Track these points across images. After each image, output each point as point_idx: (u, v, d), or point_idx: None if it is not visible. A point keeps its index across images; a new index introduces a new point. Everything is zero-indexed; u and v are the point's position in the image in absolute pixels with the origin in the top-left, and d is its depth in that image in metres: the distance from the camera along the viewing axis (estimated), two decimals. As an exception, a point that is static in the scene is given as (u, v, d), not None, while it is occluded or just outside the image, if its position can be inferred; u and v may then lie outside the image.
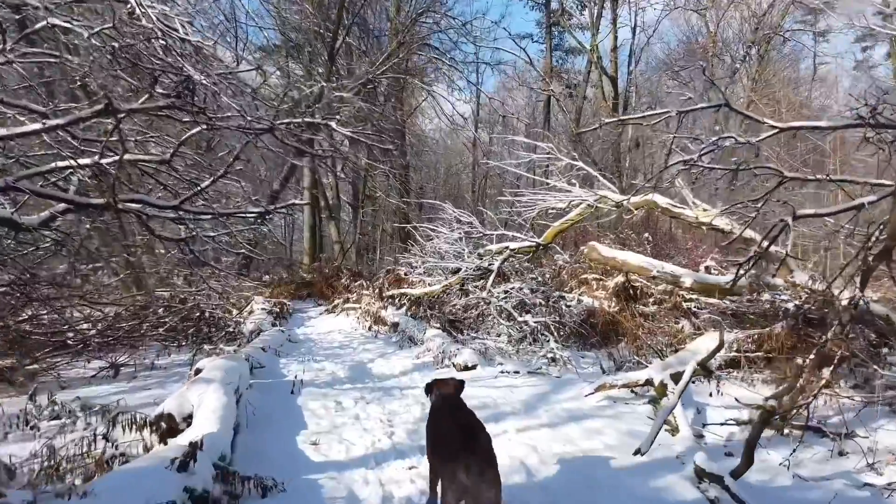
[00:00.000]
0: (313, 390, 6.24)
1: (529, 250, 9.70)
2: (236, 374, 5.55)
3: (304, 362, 7.89)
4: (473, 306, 10.19)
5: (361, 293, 13.36)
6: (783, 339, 6.85)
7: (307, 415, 5.34)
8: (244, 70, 5.36)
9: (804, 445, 4.40)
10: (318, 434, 4.79)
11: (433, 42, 17.52)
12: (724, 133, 5.67)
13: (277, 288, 14.91)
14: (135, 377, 7.14)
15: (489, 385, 6.54)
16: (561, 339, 8.30)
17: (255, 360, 7.06)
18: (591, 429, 5.10)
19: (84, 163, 4.85)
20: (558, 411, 5.62)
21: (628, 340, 8.28)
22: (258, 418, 5.10)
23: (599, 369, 7.21)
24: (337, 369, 7.53)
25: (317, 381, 6.81)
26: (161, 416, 4.59)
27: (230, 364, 5.63)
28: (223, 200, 7.71)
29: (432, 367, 7.65)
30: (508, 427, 5.08)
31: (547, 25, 27.70)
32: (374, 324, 10.98)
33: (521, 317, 8.74)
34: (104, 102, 4.11)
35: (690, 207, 9.00)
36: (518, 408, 5.70)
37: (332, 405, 5.67)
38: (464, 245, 10.41)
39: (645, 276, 8.88)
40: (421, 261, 11.41)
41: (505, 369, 7.15)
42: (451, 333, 9.31)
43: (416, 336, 9.32)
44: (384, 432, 4.88)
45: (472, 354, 7.45)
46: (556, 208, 9.82)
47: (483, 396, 6.07)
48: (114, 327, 7.88)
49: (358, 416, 5.38)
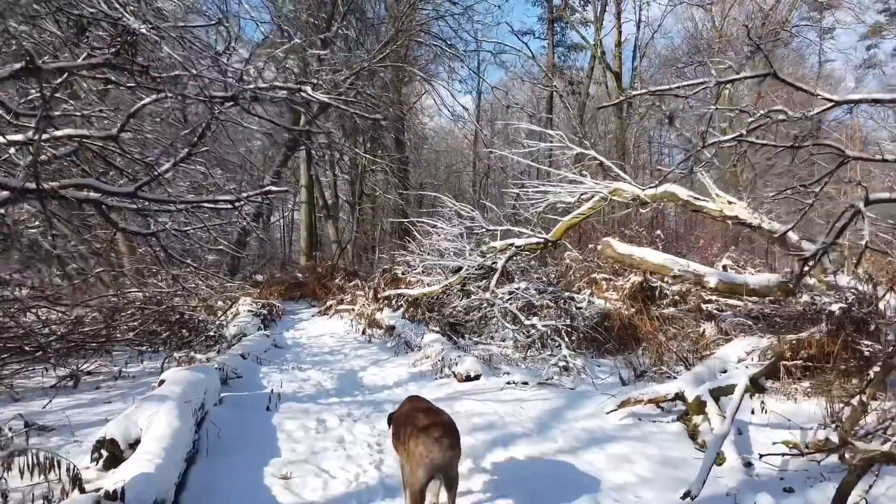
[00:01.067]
0: (293, 406, 5.43)
1: (537, 247, 8.89)
2: (201, 389, 4.76)
3: (287, 371, 7.10)
4: (475, 308, 9.40)
5: (356, 294, 12.56)
6: (826, 345, 6.09)
7: (282, 438, 4.53)
8: (202, 25, 4.57)
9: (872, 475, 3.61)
10: (291, 464, 3.98)
11: (433, 30, 16.73)
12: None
13: (267, 288, 14.10)
14: (98, 387, 6.37)
15: (495, 399, 5.74)
16: (573, 344, 7.51)
17: (231, 369, 6.28)
18: (617, 455, 4.30)
19: (14, 139, 4.06)
20: (576, 432, 4.82)
21: (647, 346, 7.49)
22: (223, 442, 4.30)
23: (618, 379, 6.42)
24: (324, 379, 6.73)
25: (299, 393, 6.02)
26: (102, 442, 3.82)
27: (196, 377, 4.85)
28: (206, 193, 6.94)
29: (431, 376, 6.86)
30: (518, 452, 4.29)
31: (549, 21, 26.98)
32: (369, 327, 10.18)
33: (527, 320, 7.94)
34: (24, 60, 3.32)
35: (713, 199, 8.21)
36: (529, 427, 4.90)
37: (314, 425, 4.86)
38: (465, 242, 9.60)
39: (664, 275, 8.09)
40: (419, 259, 10.61)
41: (512, 379, 6.34)
42: (452, 338, 8.51)
43: (414, 341, 8.53)
44: (371, 461, 4.09)
45: (475, 363, 6.64)
46: (565, 203, 9.03)
47: (488, 413, 5.27)
48: (77, 331, 7.09)
49: (342, 438, 4.58)
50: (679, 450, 4.49)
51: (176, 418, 3.82)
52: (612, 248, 8.00)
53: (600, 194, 8.41)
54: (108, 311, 7.42)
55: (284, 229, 39.52)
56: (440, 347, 7.41)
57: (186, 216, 6.85)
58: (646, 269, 8.14)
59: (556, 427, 4.93)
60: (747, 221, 7.95)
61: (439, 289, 9.79)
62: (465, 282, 9.54)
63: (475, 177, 26.68)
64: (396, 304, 10.96)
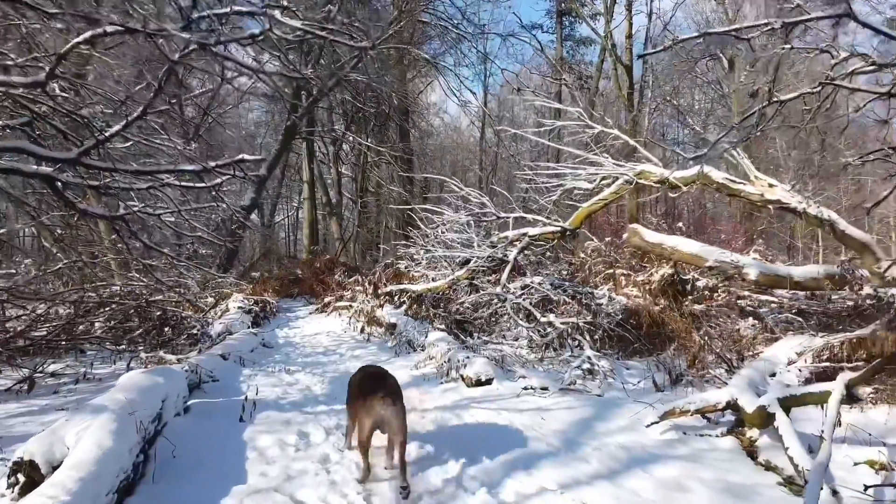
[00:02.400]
0: (273, 416, 4.58)
1: (553, 237, 8.05)
2: (158, 397, 3.93)
3: (273, 374, 6.26)
4: (485, 304, 8.54)
5: (355, 290, 11.72)
6: (892, 344, 5.25)
7: (252, 457, 3.68)
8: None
9: None
10: (257, 494, 3.13)
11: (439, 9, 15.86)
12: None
13: (262, 284, 13.27)
14: (56, 391, 5.57)
15: (511, 408, 4.87)
16: (595, 344, 6.66)
17: (207, 371, 5.45)
18: (667, 481, 3.44)
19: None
20: (612, 449, 3.96)
21: (680, 346, 6.62)
22: (177, 464, 3.46)
23: (651, 384, 5.55)
24: (314, 383, 5.89)
25: (283, 400, 5.18)
26: (20, 464, 3.00)
27: (153, 382, 4.02)
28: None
29: (435, 380, 6.01)
30: (545, 478, 3.42)
31: (557, 14, 26.11)
32: (368, 325, 9.33)
33: (543, 317, 7.09)
34: None
35: (752, 182, 7.35)
36: (555, 444, 4.04)
37: (293, 440, 4.01)
38: (473, 232, 8.74)
39: (698, 266, 7.23)
40: (423, 251, 9.77)
41: (529, 384, 5.46)
42: (459, 336, 7.66)
43: (417, 340, 7.68)
44: (360, 490, 3.24)
45: (487, 365, 5.76)
46: (582, 189, 8.18)
47: (504, 425, 4.42)
48: (37, 328, 6.31)
49: (327, 458, 3.73)
50: (740, 472, 3.63)
51: (109, 436, 2.99)
52: (639, 235, 7.12)
53: (625, 177, 7.57)
54: (74, 306, 6.62)
55: (290, 228, 38.91)
56: (446, 347, 6.56)
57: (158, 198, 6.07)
58: (677, 259, 7.27)
59: (586, 443, 4.07)
60: (791, 206, 7.10)
61: (445, 283, 8.95)
62: (473, 275, 8.71)
63: (482, 165, 25.67)
64: (399, 301, 10.12)
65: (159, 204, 6.29)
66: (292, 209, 37.39)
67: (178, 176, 5.85)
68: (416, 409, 4.83)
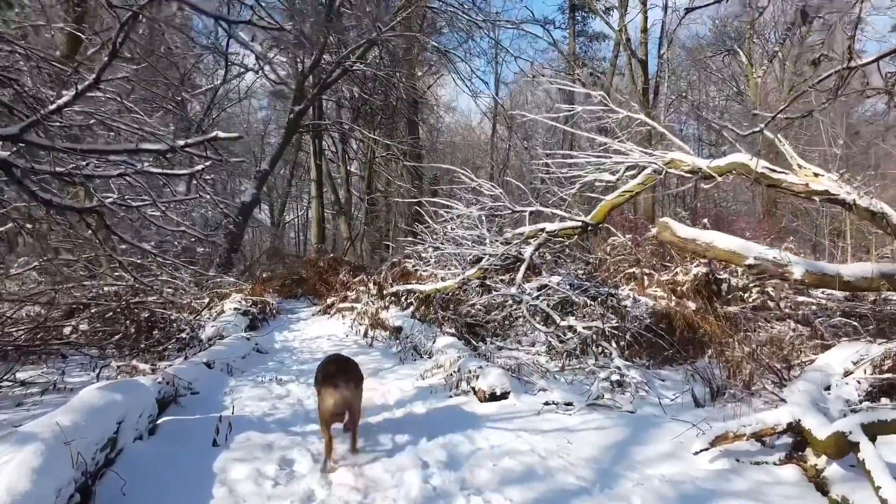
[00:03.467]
0: (253, 438, 3.93)
1: (573, 233, 7.33)
2: (112, 418, 3.30)
3: (263, 384, 5.61)
4: (498, 306, 7.87)
5: (360, 291, 11.08)
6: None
7: (220, 495, 3.02)
8: None
9: None
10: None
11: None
12: None
13: (262, 284, 12.66)
14: (20, 403, 4.97)
15: (532, 428, 4.18)
16: (623, 351, 5.96)
17: (185, 383, 4.82)
18: (731, 529, 2.76)
19: None
20: (657, 484, 3.27)
21: (717, 353, 5.91)
22: (128, 502, 2.83)
23: (690, 398, 4.85)
24: (306, 396, 5.24)
25: (269, 417, 4.53)
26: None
27: (108, 400, 3.39)
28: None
29: (444, 392, 5.33)
30: (578, 524, 2.75)
31: (570, 8, 25.37)
32: (372, 328, 8.67)
33: (562, 320, 6.40)
34: None
35: (795, 171, 6.61)
36: (586, 476, 3.36)
37: (273, 471, 3.35)
38: (485, 228, 8.06)
39: (736, 264, 6.50)
40: (432, 249, 9.11)
41: (551, 399, 4.77)
42: (470, 341, 6.99)
43: (424, 345, 7.02)
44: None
45: (502, 376, 5.07)
46: (604, 181, 7.47)
47: (524, 452, 3.73)
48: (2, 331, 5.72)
49: (311, 494, 3.06)
50: (818, 517, 2.94)
51: (28, 476, 2.36)
52: (670, 230, 6.40)
53: (653, 166, 6.85)
54: (46, 308, 6.03)
55: (299, 227, 38.59)
56: (456, 355, 5.89)
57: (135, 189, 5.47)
58: (712, 256, 6.54)
59: (624, 476, 3.38)
60: (839, 197, 6.35)
61: (455, 283, 8.27)
62: (485, 275, 8.02)
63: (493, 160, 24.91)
64: (405, 302, 9.46)
65: (141, 196, 5.70)
66: (303, 209, 37.11)
67: (155, 162, 5.24)
68: (422, 429, 4.16)
